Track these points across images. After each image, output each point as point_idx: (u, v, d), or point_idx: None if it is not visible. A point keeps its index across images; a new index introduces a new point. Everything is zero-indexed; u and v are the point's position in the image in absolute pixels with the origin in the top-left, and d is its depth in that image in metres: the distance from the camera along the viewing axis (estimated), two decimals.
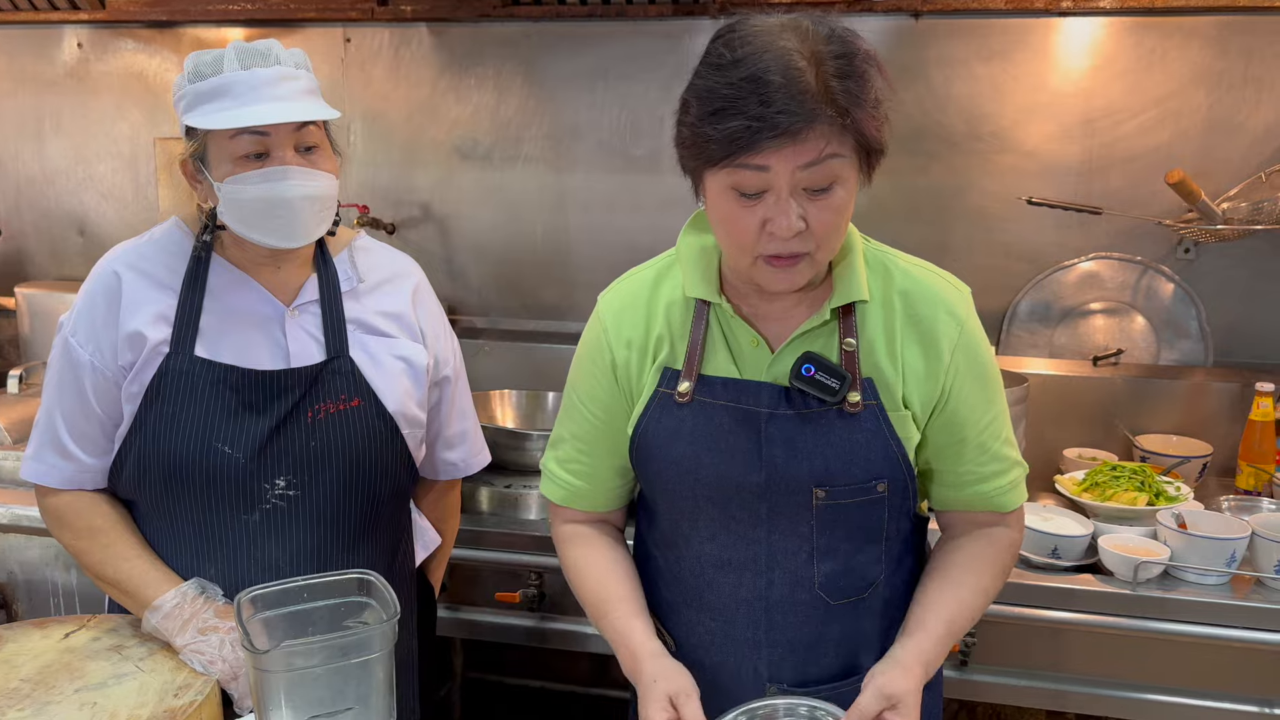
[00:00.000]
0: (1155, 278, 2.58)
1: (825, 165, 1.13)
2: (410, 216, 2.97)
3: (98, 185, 3.17)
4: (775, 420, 1.28)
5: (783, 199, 1.13)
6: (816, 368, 1.26)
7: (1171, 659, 1.93)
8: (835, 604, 1.34)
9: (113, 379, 1.46)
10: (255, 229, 1.44)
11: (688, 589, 1.38)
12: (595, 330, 1.39)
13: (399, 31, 2.87)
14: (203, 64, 1.41)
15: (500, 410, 2.71)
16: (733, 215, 1.17)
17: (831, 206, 1.16)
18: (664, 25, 2.71)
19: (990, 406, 1.33)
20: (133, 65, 3.06)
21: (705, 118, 1.14)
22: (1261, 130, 2.45)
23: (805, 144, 1.11)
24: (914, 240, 2.70)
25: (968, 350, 1.30)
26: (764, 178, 1.13)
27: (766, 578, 1.33)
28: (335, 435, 1.49)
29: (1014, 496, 1.37)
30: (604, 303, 1.40)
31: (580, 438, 1.42)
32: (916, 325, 1.29)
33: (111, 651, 1.45)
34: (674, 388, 1.32)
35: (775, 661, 1.35)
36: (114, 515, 1.52)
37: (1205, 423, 2.48)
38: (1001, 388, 1.36)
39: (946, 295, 1.31)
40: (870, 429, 1.27)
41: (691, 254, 1.33)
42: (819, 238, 1.17)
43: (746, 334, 1.31)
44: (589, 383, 1.39)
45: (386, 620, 1.21)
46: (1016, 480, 1.37)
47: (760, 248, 1.18)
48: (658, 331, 1.34)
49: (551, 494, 1.46)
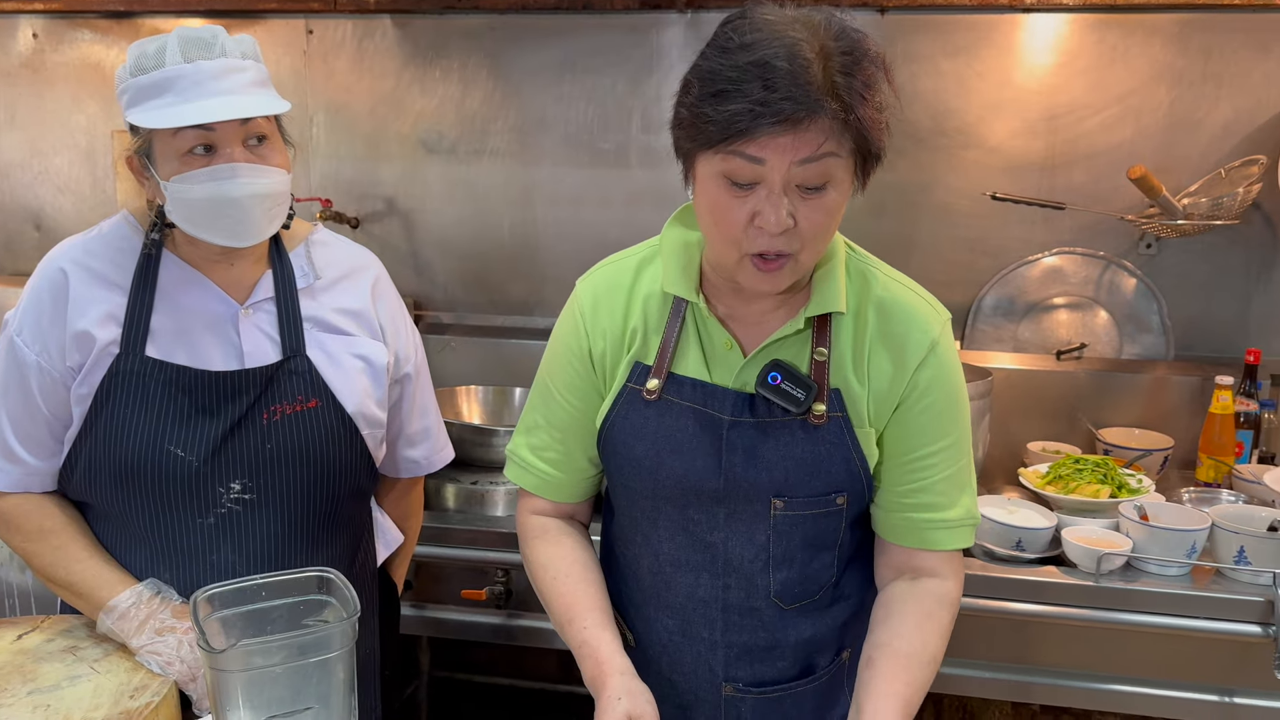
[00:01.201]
0: (1118, 272, 2.60)
1: (821, 163, 1.11)
2: (374, 210, 2.93)
3: (54, 178, 3.11)
4: (737, 428, 1.27)
5: (775, 193, 1.11)
6: (783, 376, 1.24)
7: (1134, 649, 1.95)
8: (788, 609, 1.33)
9: (60, 380, 1.42)
10: (204, 229, 1.39)
11: (646, 587, 1.38)
12: (573, 317, 1.37)
13: (362, 23, 2.84)
14: (144, 56, 1.36)
15: (467, 406, 2.69)
16: (722, 204, 1.14)
17: (823, 207, 1.14)
18: (631, 19, 2.70)
19: (944, 435, 1.29)
20: (89, 56, 3.00)
21: (706, 98, 1.11)
22: (1221, 127, 2.48)
23: (804, 136, 1.08)
24: (880, 236, 2.74)
25: (935, 371, 1.27)
26: (757, 170, 1.11)
27: (723, 581, 1.32)
28: (292, 437, 1.46)
29: (948, 537, 1.30)
30: (583, 288, 1.38)
31: (556, 425, 1.39)
32: (887, 340, 1.27)
33: (66, 653, 1.41)
34: (643, 384, 1.30)
35: (731, 661, 1.35)
36: (64, 517, 1.48)
37: (1166, 416, 2.51)
38: (967, 426, 1.31)
39: (922, 314, 1.28)
40: (833, 441, 1.26)
41: (674, 248, 1.31)
42: (806, 239, 1.15)
43: (721, 335, 1.29)
44: (566, 371, 1.37)
45: (346, 618, 1.20)
46: (957, 523, 1.30)
47: (746, 243, 1.15)
48: (634, 323, 1.32)
49: (523, 481, 1.42)
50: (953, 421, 1.29)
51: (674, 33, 2.69)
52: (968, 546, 1.34)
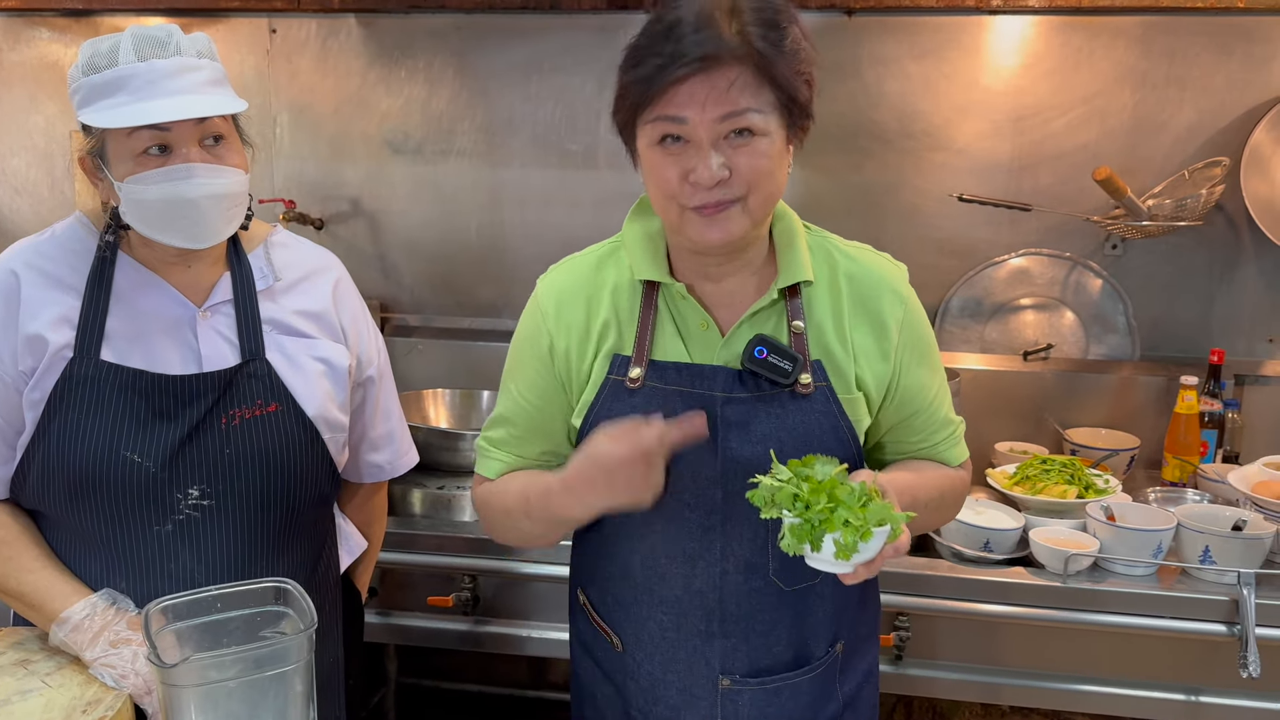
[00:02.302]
0: (1084, 273, 2.62)
1: (744, 117, 1.15)
2: (339, 211, 2.90)
3: (11, 180, 3.04)
4: (731, 404, 1.27)
5: (703, 148, 1.15)
6: (769, 350, 1.26)
7: (1102, 649, 1.96)
8: (788, 590, 1.33)
9: (12, 385, 1.39)
10: (159, 230, 1.36)
11: (638, 584, 1.36)
12: (534, 316, 1.37)
13: (326, 22, 2.80)
14: (97, 55, 1.34)
15: (434, 410, 2.66)
16: (657, 166, 1.19)
17: (758, 151, 1.17)
18: (598, 19, 2.68)
19: (935, 376, 1.38)
20: (47, 55, 2.94)
21: (626, 68, 1.19)
22: (1184, 129, 2.50)
23: (717, 84, 1.13)
24: (847, 235, 2.68)
25: (912, 326, 1.34)
26: (683, 128, 1.15)
27: (720, 566, 1.32)
28: (251, 442, 1.43)
29: (959, 451, 1.43)
30: (543, 288, 1.38)
31: (513, 422, 1.40)
32: (863, 305, 1.32)
33: (16, 666, 1.38)
34: (625, 374, 1.30)
35: (728, 652, 1.34)
36: (16, 526, 1.45)
37: (1133, 416, 2.53)
38: (939, 356, 1.41)
39: (889, 274, 1.35)
40: (821, 410, 1.29)
41: (638, 239, 1.33)
42: (749, 183, 1.18)
43: (696, 315, 1.30)
44: (525, 369, 1.38)
45: (304, 630, 1.17)
46: (958, 437, 1.43)
47: (684, 198, 1.19)
48: (603, 317, 1.33)
49: (489, 470, 1.42)
50: (937, 360, 1.39)
51: None
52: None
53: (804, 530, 1.11)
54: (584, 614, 1.47)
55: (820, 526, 1.10)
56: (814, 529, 1.10)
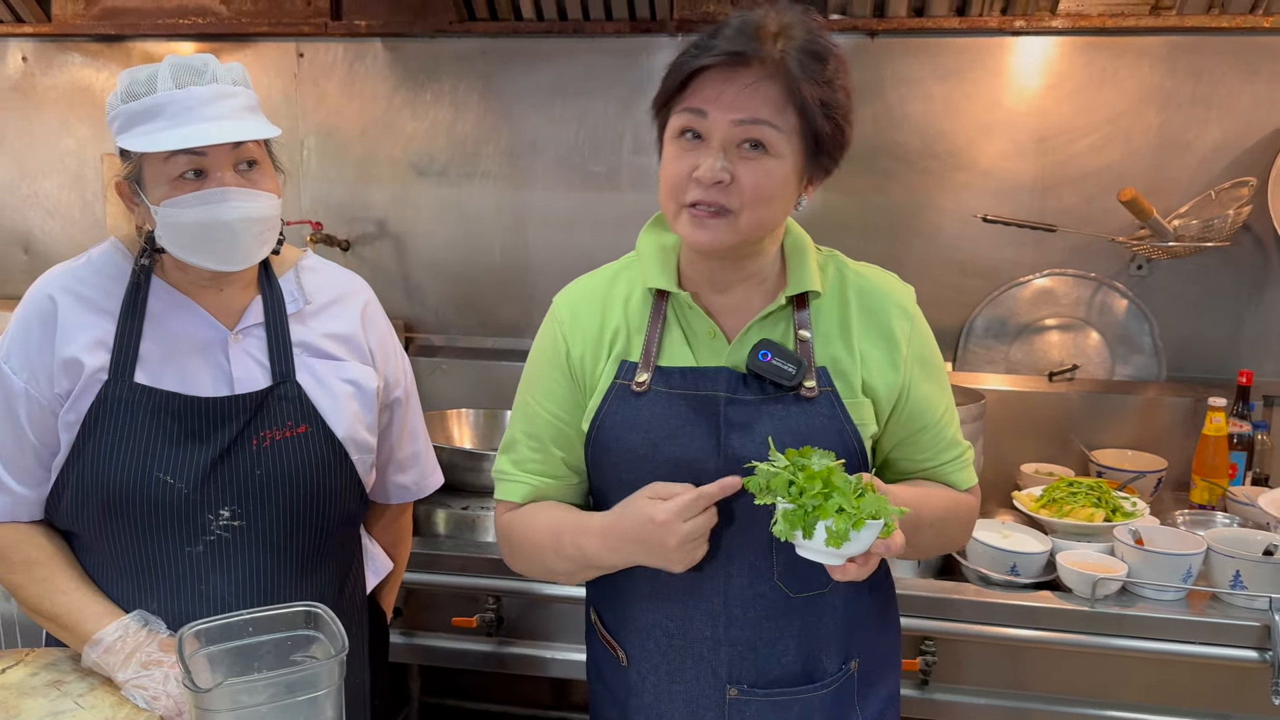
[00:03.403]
0: (1109, 294, 2.60)
1: (759, 128, 1.18)
2: (365, 233, 2.93)
3: (43, 202, 3.09)
4: (734, 405, 1.29)
5: (713, 147, 1.19)
6: (773, 353, 1.28)
7: (1131, 675, 1.94)
8: (795, 597, 1.33)
9: (48, 407, 1.41)
10: (194, 253, 1.39)
11: (644, 590, 1.36)
12: (550, 327, 1.40)
13: (353, 46, 2.84)
14: (136, 83, 1.37)
15: (457, 430, 2.68)
16: (671, 159, 1.24)
17: (763, 169, 1.20)
18: (621, 43, 2.70)
19: (943, 395, 1.40)
20: (79, 79, 3.00)
21: (670, 69, 1.23)
22: (1210, 149, 2.49)
23: (743, 88, 1.17)
24: (870, 257, 2.67)
25: (920, 343, 1.36)
26: (703, 123, 1.19)
27: (725, 571, 1.31)
28: (281, 463, 1.44)
29: (967, 475, 1.43)
30: (559, 300, 1.42)
31: (535, 436, 1.40)
32: (872, 318, 1.34)
33: (49, 687, 1.39)
34: (631, 378, 1.32)
35: (734, 660, 1.33)
36: (51, 547, 1.46)
37: (1159, 437, 2.52)
38: (947, 378, 1.42)
39: (897, 291, 1.37)
40: (826, 414, 1.29)
41: (651, 250, 1.36)
42: (745, 197, 1.20)
43: (704, 324, 1.33)
44: (544, 381, 1.39)
45: (335, 655, 1.18)
46: (967, 461, 1.43)
47: (685, 194, 1.22)
48: (614, 325, 1.35)
49: (512, 494, 1.41)
50: (945, 380, 1.41)
51: (665, 56, 2.69)
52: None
53: (797, 516, 1.12)
54: (595, 633, 1.48)
55: (814, 513, 1.11)
56: (807, 515, 1.11)
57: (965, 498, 1.44)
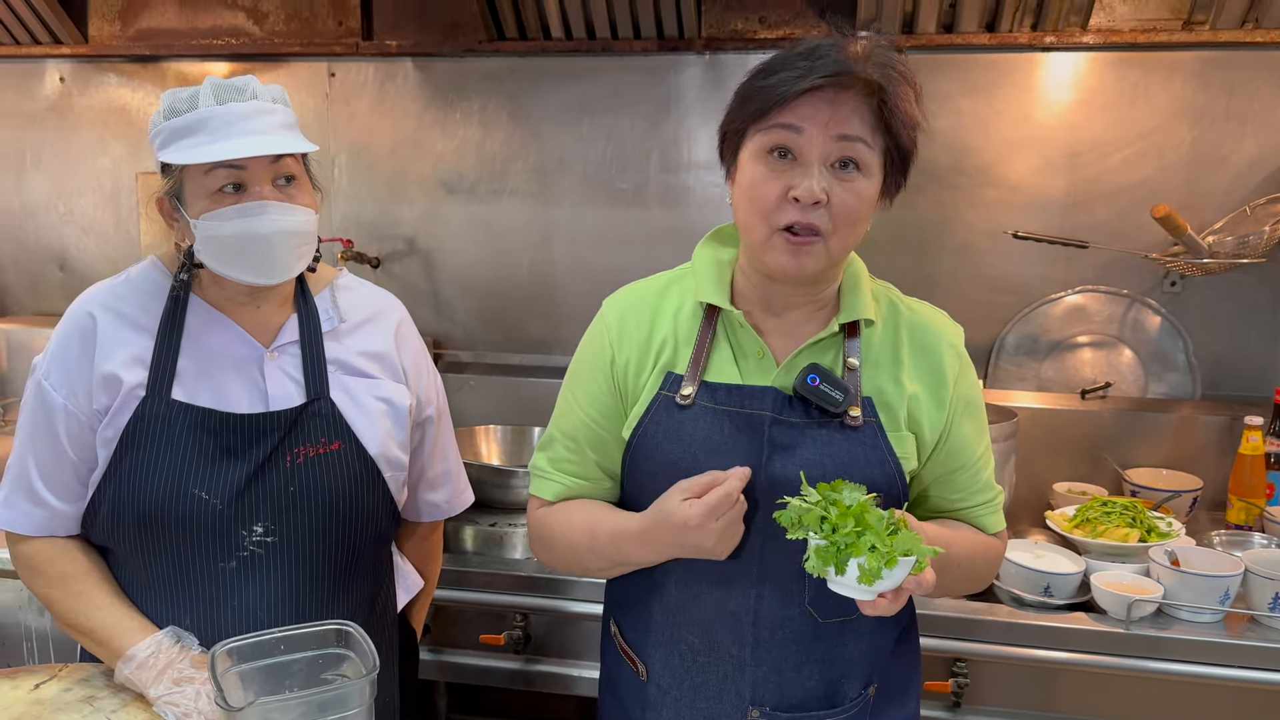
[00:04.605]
0: (1142, 311, 2.58)
1: (856, 146, 1.20)
2: (395, 250, 2.95)
3: (79, 220, 3.14)
4: (779, 426, 1.28)
5: (811, 165, 1.20)
6: (821, 378, 1.28)
7: (1167, 699, 1.90)
8: (824, 623, 1.32)
9: (87, 423, 1.43)
10: (232, 266, 1.40)
11: (672, 604, 1.36)
12: (598, 330, 1.41)
13: (384, 66, 2.87)
14: (178, 100, 1.39)
15: (485, 446, 2.68)
16: (760, 179, 1.22)
17: (855, 191, 1.21)
18: (649, 61, 2.71)
19: (982, 439, 1.40)
20: (115, 99, 3.05)
21: (756, 78, 1.23)
22: (1245, 164, 2.47)
23: (841, 109, 1.19)
24: (900, 273, 2.69)
25: (967, 384, 1.37)
26: (798, 140, 1.20)
27: (756, 591, 1.31)
28: (315, 480, 1.45)
29: (997, 519, 1.44)
30: (609, 304, 1.43)
31: (571, 436, 1.41)
32: (923, 354, 1.35)
33: (83, 703, 1.40)
34: (676, 391, 1.32)
35: (759, 681, 1.33)
36: (87, 563, 1.48)
37: (1194, 456, 2.48)
38: (987, 423, 1.43)
39: (949, 331, 1.39)
40: (869, 444, 1.29)
41: (707, 264, 1.37)
42: (837, 220, 1.21)
43: (753, 343, 1.32)
44: (587, 383, 1.40)
45: (366, 674, 1.18)
46: (998, 505, 1.44)
47: (777, 218, 1.21)
48: (662, 335, 1.35)
49: (546, 491, 1.43)
50: (984, 422, 1.42)
51: (691, 74, 2.70)
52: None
53: (829, 552, 1.11)
54: (613, 645, 1.47)
55: (846, 550, 1.11)
56: (839, 552, 1.11)
57: (993, 541, 1.44)
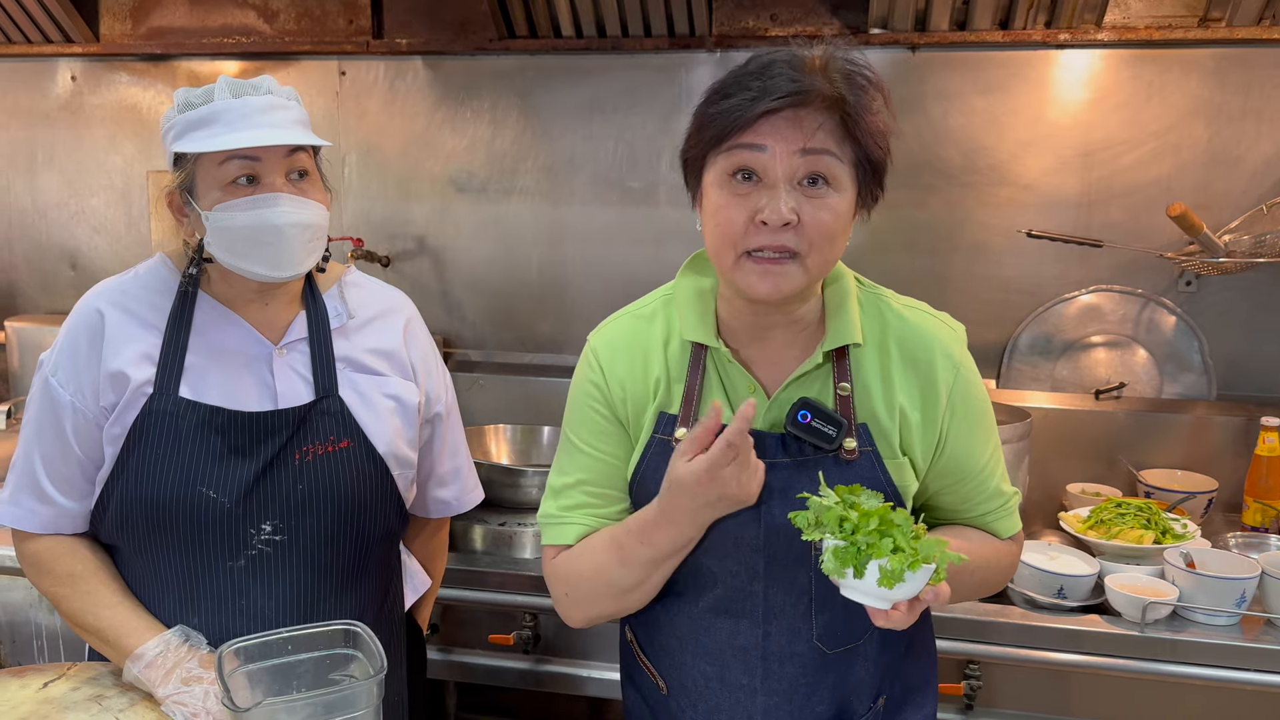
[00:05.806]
0: (1157, 310, 2.55)
1: (822, 159, 1.14)
2: (405, 249, 2.94)
3: (90, 218, 3.15)
4: (774, 470, 1.24)
5: (777, 186, 1.13)
6: (813, 414, 1.23)
7: (1182, 702, 1.88)
8: (831, 653, 1.31)
9: (94, 420, 1.42)
10: (244, 258, 1.40)
11: (684, 634, 1.35)
12: (586, 373, 1.35)
13: (394, 64, 2.86)
14: (193, 95, 1.40)
15: (495, 445, 2.67)
16: (725, 205, 1.16)
17: (827, 206, 1.15)
18: (660, 59, 2.70)
19: (987, 445, 1.33)
20: (126, 98, 3.05)
21: (711, 102, 1.18)
22: (1262, 163, 2.44)
23: (804, 124, 1.12)
24: (913, 273, 2.72)
25: (964, 392, 1.29)
26: (761, 159, 1.13)
27: (764, 629, 1.30)
28: (324, 478, 1.44)
29: (1010, 523, 1.39)
30: (596, 343, 1.37)
31: (591, 481, 1.34)
32: (914, 369, 1.28)
33: (91, 702, 1.40)
34: (670, 433, 1.28)
35: (770, 709, 1.32)
36: (94, 561, 1.47)
37: (1210, 457, 2.45)
38: (995, 425, 1.36)
39: (942, 337, 1.30)
40: (866, 475, 1.25)
41: (688, 296, 1.31)
42: (810, 238, 1.15)
43: (744, 379, 1.28)
44: (588, 422, 1.34)
45: (374, 675, 1.18)
46: (1011, 508, 1.38)
47: (747, 241, 1.16)
48: (656, 374, 1.31)
49: (564, 536, 1.34)
50: (991, 428, 1.34)
51: (703, 72, 2.69)
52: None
53: (849, 553, 1.07)
54: (630, 651, 1.46)
55: (867, 551, 1.06)
56: (859, 553, 1.06)
57: (1007, 546, 1.39)
